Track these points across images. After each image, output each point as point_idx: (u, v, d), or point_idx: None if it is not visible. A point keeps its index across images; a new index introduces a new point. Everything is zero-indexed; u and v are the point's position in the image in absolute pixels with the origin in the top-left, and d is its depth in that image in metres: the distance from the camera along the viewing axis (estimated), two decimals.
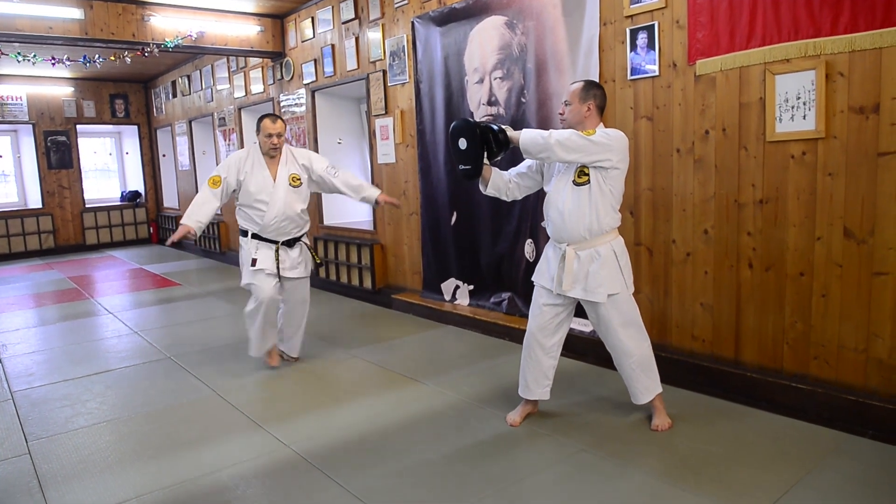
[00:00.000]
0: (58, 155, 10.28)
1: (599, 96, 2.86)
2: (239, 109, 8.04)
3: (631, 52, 3.57)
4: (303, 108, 6.74)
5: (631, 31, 3.55)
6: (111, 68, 8.55)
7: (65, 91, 10.21)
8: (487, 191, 3.05)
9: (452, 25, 4.74)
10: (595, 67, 3.74)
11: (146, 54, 6.13)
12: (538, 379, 3.02)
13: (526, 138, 2.72)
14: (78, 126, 10.45)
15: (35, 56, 6.63)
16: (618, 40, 3.64)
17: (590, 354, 3.89)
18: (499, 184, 3.04)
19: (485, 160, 2.86)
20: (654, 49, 3.46)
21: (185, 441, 3.02)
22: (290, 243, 3.90)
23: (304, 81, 6.61)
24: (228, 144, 8.46)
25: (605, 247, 2.81)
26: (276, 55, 6.92)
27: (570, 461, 2.66)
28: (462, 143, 2.85)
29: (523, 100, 4.31)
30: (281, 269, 3.85)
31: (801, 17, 2.88)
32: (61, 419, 3.34)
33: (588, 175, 2.76)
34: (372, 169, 5.92)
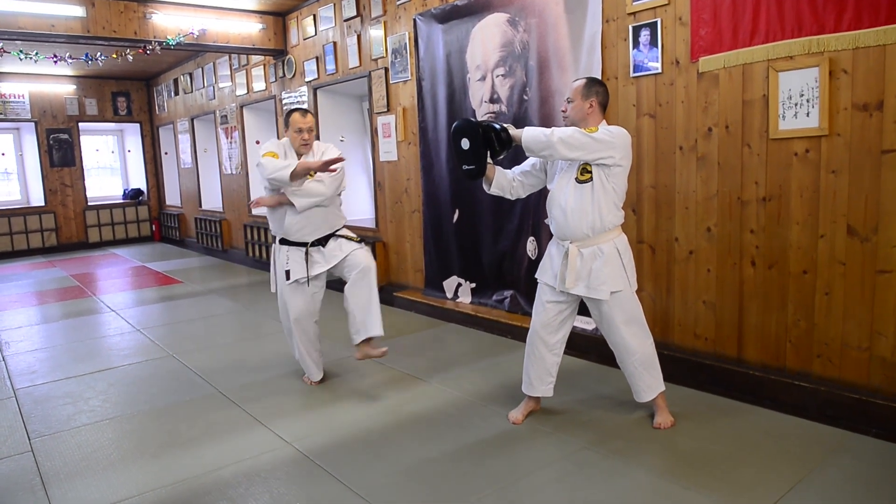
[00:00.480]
0: (60, 153, 10.29)
1: (602, 93, 2.85)
2: (241, 107, 8.04)
3: (633, 49, 3.56)
4: (305, 106, 6.74)
5: (633, 28, 3.54)
6: (113, 66, 8.56)
7: (67, 89, 10.21)
8: (491, 190, 3.04)
9: (454, 23, 4.73)
10: (597, 65, 3.73)
11: (148, 52, 6.13)
12: (542, 376, 3.02)
13: (528, 136, 2.72)
14: (80, 124, 10.45)
15: (37, 54, 6.63)
16: (620, 37, 3.63)
17: (592, 352, 3.88)
18: (503, 183, 3.03)
19: (488, 159, 2.86)
20: (656, 46, 3.45)
21: (187, 439, 3.03)
22: (321, 242, 3.54)
23: (306, 79, 6.61)
24: (230, 142, 8.46)
25: (608, 244, 2.80)
26: (277, 53, 6.92)
27: (573, 459, 2.66)
28: (465, 143, 2.84)
29: (525, 97, 4.30)
30: (311, 269, 3.49)
31: (804, 14, 2.87)
32: (64, 417, 3.35)
33: (591, 172, 2.76)
34: (374, 166, 5.92)
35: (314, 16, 6.33)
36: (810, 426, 2.86)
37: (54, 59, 6.78)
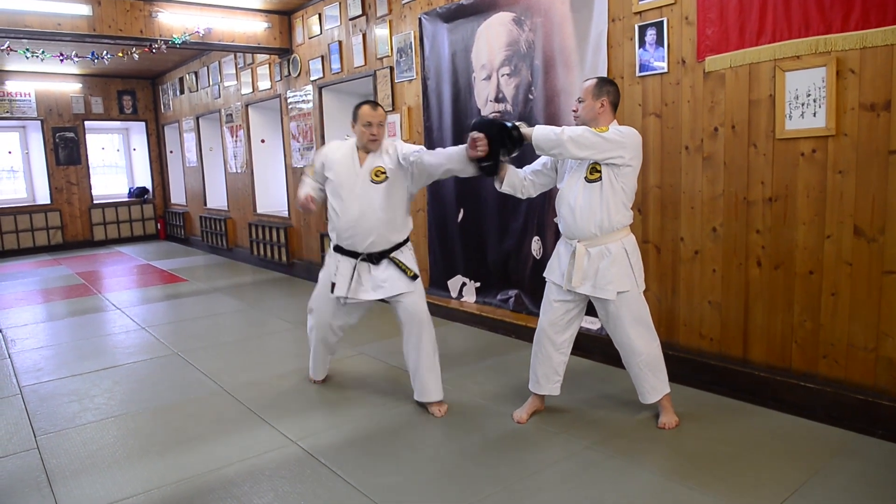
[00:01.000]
0: (66, 151, 10.32)
1: (613, 93, 2.85)
2: (246, 106, 8.05)
3: (639, 48, 3.55)
4: (310, 105, 6.74)
5: (640, 27, 3.53)
6: (119, 65, 8.58)
7: (73, 87, 10.25)
8: (503, 188, 3.04)
9: (460, 22, 4.72)
10: (603, 64, 3.72)
11: (154, 51, 6.15)
12: (548, 375, 3.02)
13: (539, 134, 2.72)
14: (86, 122, 10.49)
15: (43, 52, 6.65)
16: (626, 37, 3.62)
17: (597, 352, 3.88)
18: (514, 181, 3.03)
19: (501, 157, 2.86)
20: (662, 45, 3.44)
21: (192, 437, 3.04)
22: (374, 259, 3.19)
23: (312, 78, 6.61)
24: (236, 141, 8.47)
25: (616, 244, 2.80)
26: (283, 52, 6.92)
27: (577, 458, 2.66)
28: None
29: (531, 96, 4.29)
30: (355, 290, 3.19)
31: (811, 14, 2.86)
32: (69, 414, 3.36)
33: (600, 172, 2.75)
34: None
35: (319, 15, 6.33)
36: (816, 427, 2.85)
37: (60, 58, 6.80)
